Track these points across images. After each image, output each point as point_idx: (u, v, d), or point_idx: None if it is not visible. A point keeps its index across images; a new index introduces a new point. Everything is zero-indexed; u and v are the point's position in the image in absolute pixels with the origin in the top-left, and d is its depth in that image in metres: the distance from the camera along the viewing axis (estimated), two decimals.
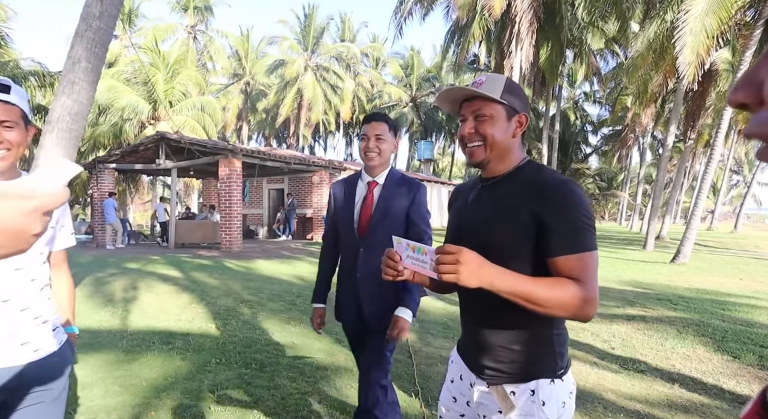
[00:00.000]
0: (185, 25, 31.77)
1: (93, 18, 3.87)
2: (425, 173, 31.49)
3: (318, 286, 2.47)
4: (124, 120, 20.06)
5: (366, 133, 2.24)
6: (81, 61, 3.85)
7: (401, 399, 3.29)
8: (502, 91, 1.33)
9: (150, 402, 3.17)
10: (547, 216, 1.24)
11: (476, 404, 1.42)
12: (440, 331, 5.13)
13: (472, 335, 1.44)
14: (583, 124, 37.52)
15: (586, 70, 23.11)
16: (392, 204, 2.23)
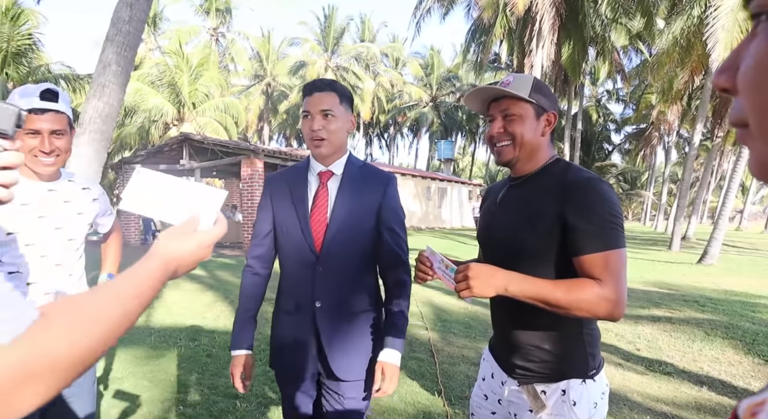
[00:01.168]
0: (208, 28, 32.24)
1: (123, 23, 4.00)
2: (445, 173, 31.38)
3: (240, 325, 1.70)
4: (150, 122, 20.47)
5: (308, 109, 1.60)
6: (111, 65, 3.98)
7: (424, 399, 3.31)
8: (530, 90, 1.33)
9: (178, 397, 3.25)
10: (571, 215, 1.24)
11: (507, 402, 1.43)
12: (462, 331, 5.12)
13: (503, 334, 1.45)
14: (605, 122, 36.97)
15: (609, 68, 22.71)
16: (356, 202, 1.63)
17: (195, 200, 0.87)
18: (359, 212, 1.63)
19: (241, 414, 3.03)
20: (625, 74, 25.00)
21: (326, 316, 1.62)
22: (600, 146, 37.36)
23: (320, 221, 1.62)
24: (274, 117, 36.44)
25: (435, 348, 4.41)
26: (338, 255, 1.61)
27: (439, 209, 24.80)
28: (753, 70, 0.36)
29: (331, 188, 1.66)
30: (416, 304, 6.24)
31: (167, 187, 0.88)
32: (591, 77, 30.03)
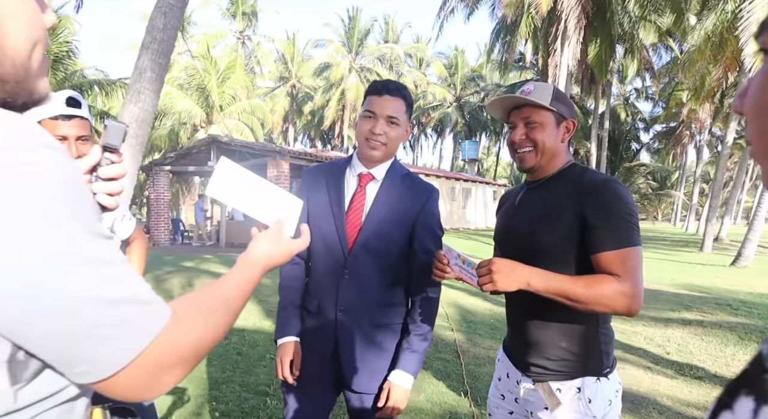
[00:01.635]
0: (234, 31, 32.81)
1: (157, 31, 4.14)
2: (470, 173, 31.21)
3: (285, 314, 1.65)
4: (180, 124, 20.96)
5: (374, 109, 1.54)
6: (146, 72, 4.13)
7: (450, 399, 3.34)
8: (551, 98, 1.38)
9: (211, 394, 3.35)
10: (590, 215, 1.29)
11: (523, 401, 1.47)
12: (488, 332, 5.13)
13: (518, 333, 1.49)
14: (634, 121, 36.23)
15: (638, 66, 22.31)
16: (393, 212, 1.57)
17: (277, 202, 0.95)
18: (393, 224, 1.57)
19: (272, 410, 3.11)
20: (654, 72, 24.48)
21: (347, 324, 1.58)
22: (628, 146, 36.62)
23: (353, 224, 1.57)
24: (299, 118, 36.85)
25: (461, 349, 4.43)
26: (366, 262, 1.56)
27: (463, 209, 24.70)
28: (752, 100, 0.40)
29: (369, 191, 1.60)
30: (442, 305, 6.25)
31: (250, 182, 0.94)
32: (619, 75, 29.49)
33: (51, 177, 0.48)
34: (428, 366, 3.94)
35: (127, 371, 0.53)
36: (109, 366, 0.52)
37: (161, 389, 0.58)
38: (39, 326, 0.48)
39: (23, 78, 0.56)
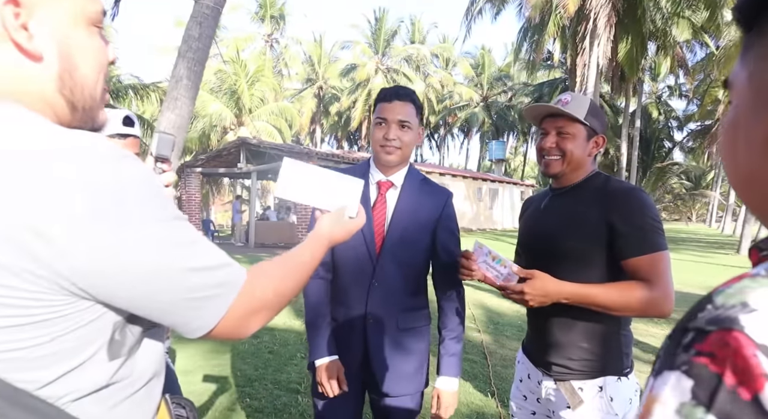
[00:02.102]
0: (263, 34, 33.35)
1: (193, 40, 4.30)
2: (497, 174, 30.97)
3: (320, 332, 1.64)
4: (210, 127, 21.45)
5: (385, 116, 1.57)
6: (183, 79, 4.30)
7: (477, 399, 3.39)
8: (586, 112, 1.44)
9: (245, 390, 3.48)
10: (617, 222, 1.35)
11: (545, 400, 1.52)
12: (515, 333, 5.14)
13: (540, 333, 1.54)
14: (667, 120, 35.31)
15: (670, 63, 21.72)
16: (414, 217, 1.62)
17: (338, 187, 1.04)
18: (416, 229, 1.61)
19: (303, 408, 3.21)
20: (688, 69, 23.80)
21: (376, 330, 1.61)
22: (660, 145, 35.70)
23: (377, 232, 1.60)
24: (326, 119, 37.17)
25: (488, 351, 4.46)
26: (393, 270, 1.60)
27: (490, 210, 24.54)
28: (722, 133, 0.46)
29: (390, 199, 1.64)
30: (469, 306, 6.29)
31: (313, 175, 1.03)
32: (651, 73, 28.81)
33: (139, 179, 0.59)
34: None
35: (224, 320, 0.68)
36: (214, 319, 0.67)
37: (251, 329, 0.74)
38: (168, 297, 0.62)
39: (90, 106, 0.68)
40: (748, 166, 0.43)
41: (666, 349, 0.34)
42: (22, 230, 0.51)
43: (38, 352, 0.56)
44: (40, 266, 0.53)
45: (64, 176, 0.54)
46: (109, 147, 0.59)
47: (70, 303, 0.57)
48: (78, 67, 0.65)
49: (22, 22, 0.59)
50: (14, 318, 0.53)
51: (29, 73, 0.61)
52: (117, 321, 0.62)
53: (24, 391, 0.55)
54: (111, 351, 0.62)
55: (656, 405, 0.32)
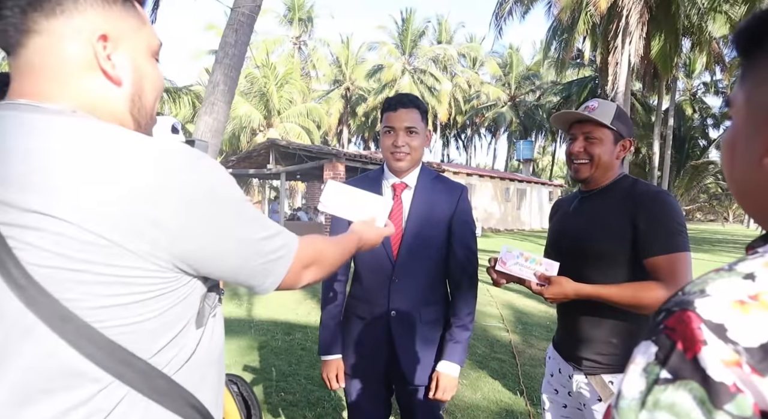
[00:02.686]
0: (291, 37, 33.82)
1: (229, 46, 4.47)
2: (524, 174, 30.67)
3: (330, 332, 1.78)
4: (240, 128, 21.90)
5: (392, 124, 1.68)
6: (219, 85, 4.46)
7: (506, 397, 3.43)
8: (613, 117, 1.50)
9: (279, 385, 3.60)
10: (642, 222, 1.41)
11: (576, 394, 1.58)
12: (543, 334, 5.14)
13: (570, 330, 1.60)
14: (702, 117, 34.33)
15: (706, 59, 21.14)
16: (429, 213, 1.70)
17: (370, 205, 1.25)
18: (432, 225, 1.69)
19: (336, 402, 3.31)
20: (725, 65, 23.12)
21: (400, 325, 1.70)
22: (695, 143, 34.73)
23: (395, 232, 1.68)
24: (353, 120, 37.43)
25: (516, 350, 4.49)
26: (412, 266, 1.68)
27: (518, 210, 24.33)
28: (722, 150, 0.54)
29: (405, 199, 1.73)
30: (497, 306, 6.31)
31: (350, 194, 1.25)
32: (685, 70, 28.05)
33: (219, 172, 0.72)
34: (484, 366, 4.04)
35: (288, 274, 0.84)
36: (281, 275, 0.83)
37: (305, 281, 0.91)
38: (250, 263, 0.77)
39: (147, 123, 0.82)
40: (744, 180, 0.50)
41: (648, 324, 0.45)
42: (143, 221, 0.63)
43: (151, 325, 0.67)
44: (159, 249, 0.65)
45: (169, 173, 0.66)
46: (192, 150, 0.72)
47: (177, 279, 0.69)
48: (145, 91, 0.78)
49: (109, 54, 0.72)
50: (138, 294, 0.65)
51: (110, 95, 0.74)
52: (202, 294, 0.76)
53: (141, 358, 0.67)
54: (198, 320, 0.75)
55: (632, 365, 0.43)
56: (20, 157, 0.62)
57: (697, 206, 36.22)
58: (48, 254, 0.60)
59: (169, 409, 0.70)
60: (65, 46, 0.69)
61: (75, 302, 0.62)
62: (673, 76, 22.78)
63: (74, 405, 0.63)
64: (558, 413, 1.68)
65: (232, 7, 4.44)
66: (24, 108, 0.67)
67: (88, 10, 0.69)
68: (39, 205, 0.60)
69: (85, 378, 0.63)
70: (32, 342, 0.62)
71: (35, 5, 0.67)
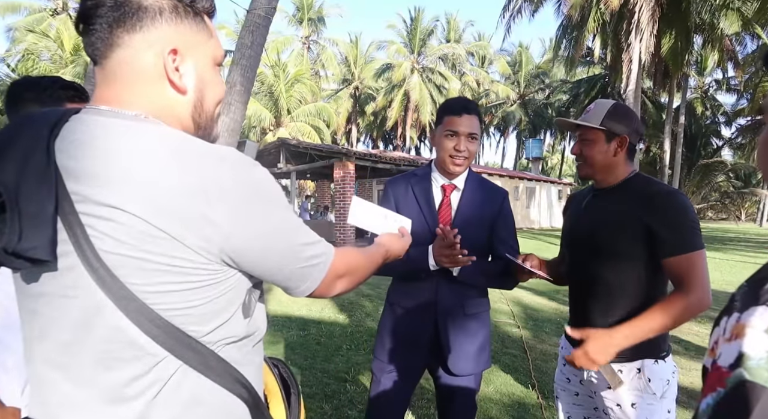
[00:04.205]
0: (300, 37, 33.96)
1: (245, 48, 4.56)
2: (533, 172, 30.58)
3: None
4: (250, 127, 22.04)
5: (456, 129, 1.73)
6: (236, 85, 4.55)
7: (518, 391, 3.51)
8: (603, 117, 1.58)
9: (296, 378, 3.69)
10: (656, 223, 1.47)
11: (588, 382, 1.66)
12: (554, 329, 5.20)
13: (581, 320, 1.67)
14: (714, 115, 33.99)
15: (718, 57, 20.91)
16: (475, 214, 1.80)
17: (393, 221, 1.40)
18: (477, 224, 1.80)
19: (351, 395, 3.40)
20: (738, 62, 22.91)
21: (445, 315, 1.78)
22: (707, 141, 34.40)
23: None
24: (362, 119, 37.53)
25: (527, 345, 4.55)
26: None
27: (527, 209, 24.28)
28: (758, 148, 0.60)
29: (454, 199, 1.84)
30: (507, 303, 6.37)
31: (374, 210, 1.39)
32: (696, 67, 27.80)
33: (270, 179, 0.80)
34: (496, 361, 4.11)
35: (323, 281, 0.90)
36: (317, 281, 0.89)
37: (337, 290, 0.96)
38: (290, 266, 0.84)
39: (208, 125, 0.90)
40: None
41: (745, 293, 0.50)
42: (197, 218, 0.71)
43: (201, 310, 0.75)
44: (211, 244, 0.72)
45: (224, 176, 0.73)
46: (247, 157, 0.79)
47: (223, 272, 0.76)
48: (206, 98, 0.86)
49: (177, 66, 0.80)
50: (189, 283, 0.73)
51: (176, 101, 0.82)
52: (248, 287, 0.83)
53: (193, 337, 0.75)
54: (244, 310, 0.83)
55: (747, 328, 0.45)
56: (102, 156, 0.71)
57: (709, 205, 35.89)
58: (117, 242, 0.69)
59: (217, 382, 0.79)
60: (141, 58, 0.77)
61: (137, 286, 0.70)
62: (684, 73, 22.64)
63: (140, 373, 0.73)
64: (570, 401, 1.76)
65: (248, 9, 4.53)
66: (106, 113, 0.76)
67: (163, 25, 0.78)
68: (114, 200, 0.68)
69: (144, 352, 0.72)
70: (103, 317, 0.71)
71: (120, 22, 0.75)
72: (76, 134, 0.74)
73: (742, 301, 0.48)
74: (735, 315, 0.48)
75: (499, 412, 3.18)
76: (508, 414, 3.17)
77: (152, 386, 0.73)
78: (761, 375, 0.42)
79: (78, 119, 0.76)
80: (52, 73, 15.60)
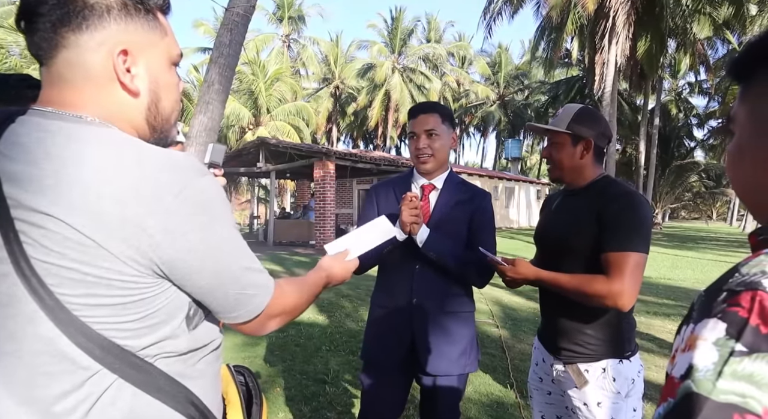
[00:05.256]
0: (280, 35, 33.68)
1: (224, 46, 4.51)
2: (513, 172, 30.90)
3: None
4: (228, 126, 21.79)
5: (414, 130, 1.80)
6: (214, 84, 4.50)
7: (497, 390, 3.53)
8: (569, 121, 1.62)
9: (275, 381, 3.66)
10: (606, 218, 1.51)
11: (557, 381, 1.69)
12: (532, 329, 5.26)
13: (550, 322, 1.72)
14: (687, 117, 34.80)
15: (691, 60, 21.48)
16: (452, 213, 1.82)
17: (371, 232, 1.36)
18: (454, 222, 1.80)
19: (330, 396, 3.38)
20: (709, 66, 23.49)
21: (422, 313, 1.78)
22: (680, 143, 35.21)
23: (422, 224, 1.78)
24: (342, 119, 37.40)
25: (506, 345, 4.59)
26: None
27: (506, 208, 24.53)
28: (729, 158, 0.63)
29: (432, 198, 1.86)
30: (486, 303, 6.41)
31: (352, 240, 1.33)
32: (670, 70, 28.43)
33: (218, 191, 0.76)
34: None
35: (256, 318, 0.84)
36: (250, 314, 0.83)
37: (269, 329, 0.90)
38: (223, 289, 0.78)
39: (164, 128, 0.86)
40: (753, 179, 0.59)
41: (702, 305, 0.49)
42: (130, 226, 0.67)
43: (135, 325, 0.71)
44: (141, 255, 0.68)
45: (164, 183, 0.70)
46: (196, 163, 0.76)
47: (157, 285, 0.72)
48: (162, 100, 0.83)
49: (128, 67, 0.76)
50: (120, 297, 0.69)
51: (128, 104, 0.79)
52: (191, 300, 0.78)
53: (128, 351, 0.72)
54: (188, 323, 0.78)
55: (699, 340, 0.46)
56: (37, 160, 0.68)
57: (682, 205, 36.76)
58: (48, 251, 0.66)
59: (157, 398, 0.74)
60: (89, 58, 0.73)
61: (67, 297, 0.67)
62: (659, 76, 23.12)
63: (70, 389, 0.69)
64: (543, 399, 1.79)
65: (227, 7, 4.48)
66: (50, 115, 0.73)
67: (112, 24, 0.74)
68: (45, 206, 0.65)
69: (77, 365, 0.68)
70: (35, 328, 0.67)
71: (64, 21, 0.71)
72: (17, 136, 0.71)
73: (698, 312, 0.49)
74: (691, 326, 0.49)
75: (478, 412, 3.20)
76: (487, 413, 3.19)
77: (84, 401, 0.69)
78: (706, 387, 0.43)
79: (22, 120, 0.73)
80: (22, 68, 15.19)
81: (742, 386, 0.41)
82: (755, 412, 0.41)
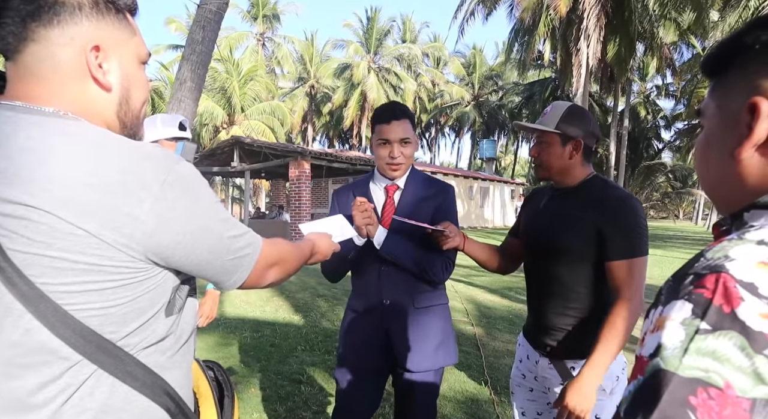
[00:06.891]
0: (255, 33, 33.32)
1: (196, 43, 4.44)
2: (487, 172, 31.23)
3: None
4: (201, 125, 21.44)
5: (387, 137, 1.75)
6: (186, 82, 4.43)
7: (471, 387, 3.57)
8: (558, 121, 1.60)
9: (249, 381, 3.63)
10: (607, 227, 1.51)
11: (541, 378, 1.70)
12: (506, 327, 5.33)
13: (538, 318, 1.72)
14: (654, 119, 35.78)
15: (658, 64, 22.13)
16: (416, 210, 1.80)
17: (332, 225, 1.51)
18: (419, 219, 1.73)
19: (306, 396, 3.37)
20: (675, 69, 24.21)
21: (393, 310, 1.77)
22: (649, 144, 36.18)
23: (385, 226, 1.78)
24: (318, 118, 37.22)
25: (481, 343, 4.65)
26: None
27: (481, 208, 24.79)
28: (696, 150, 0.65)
29: (396, 198, 1.85)
30: (461, 301, 6.47)
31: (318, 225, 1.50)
32: (639, 73, 29.20)
33: (195, 174, 0.79)
34: None
35: (253, 272, 0.90)
36: (247, 271, 0.89)
37: (269, 280, 0.97)
38: (220, 260, 0.83)
39: (134, 124, 0.89)
40: (719, 171, 0.62)
41: (669, 288, 0.52)
42: (119, 215, 0.69)
43: (121, 310, 0.73)
44: (134, 241, 0.70)
45: (149, 172, 0.72)
46: (170, 153, 0.79)
47: (147, 270, 0.74)
48: (132, 96, 0.85)
49: (100, 62, 0.78)
50: (110, 282, 0.71)
51: (100, 99, 0.80)
52: (175, 285, 0.82)
53: (110, 341, 0.73)
54: (168, 310, 0.81)
55: (667, 321, 0.48)
56: (12, 153, 0.68)
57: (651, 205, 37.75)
58: (28, 241, 0.66)
59: (135, 388, 0.76)
60: (59, 53, 0.74)
61: (49, 286, 0.68)
62: (628, 79, 23.71)
63: (49, 379, 0.69)
64: (525, 396, 1.80)
65: (199, 3, 4.41)
66: (19, 109, 0.73)
67: (83, 20, 0.75)
68: (25, 198, 0.66)
69: (56, 356, 0.69)
70: (12, 319, 0.68)
71: (34, 16, 0.72)
72: None
73: (666, 295, 0.52)
74: (660, 308, 0.51)
75: (453, 409, 3.23)
76: (462, 410, 3.22)
77: (62, 392, 0.70)
78: (673, 364, 0.45)
79: None
80: None
81: (706, 361, 0.44)
82: (717, 385, 0.43)
